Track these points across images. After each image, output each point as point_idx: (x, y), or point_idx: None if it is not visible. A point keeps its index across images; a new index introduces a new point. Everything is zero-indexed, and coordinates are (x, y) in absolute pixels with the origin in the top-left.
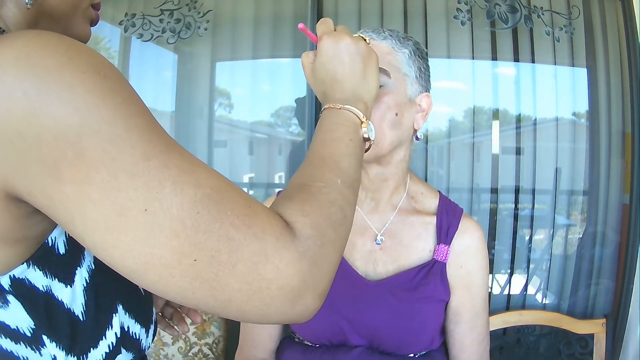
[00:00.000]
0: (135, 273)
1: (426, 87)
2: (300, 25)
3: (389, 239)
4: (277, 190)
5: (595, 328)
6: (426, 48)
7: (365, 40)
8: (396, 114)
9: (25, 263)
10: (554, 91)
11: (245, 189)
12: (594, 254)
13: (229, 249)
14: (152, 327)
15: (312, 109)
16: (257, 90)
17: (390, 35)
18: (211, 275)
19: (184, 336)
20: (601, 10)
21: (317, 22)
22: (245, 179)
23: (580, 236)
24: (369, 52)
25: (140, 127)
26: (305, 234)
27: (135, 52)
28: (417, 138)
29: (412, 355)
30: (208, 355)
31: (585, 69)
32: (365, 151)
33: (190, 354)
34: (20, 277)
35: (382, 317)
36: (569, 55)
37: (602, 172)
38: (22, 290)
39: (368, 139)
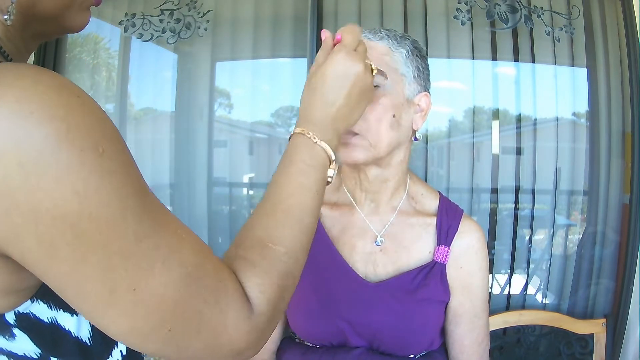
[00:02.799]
0: (115, 336)
1: (425, 86)
2: (324, 34)
3: (389, 241)
4: None
5: (595, 328)
6: (426, 48)
7: (372, 72)
8: (394, 116)
9: (29, 299)
10: (554, 91)
11: (245, 189)
12: (594, 254)
13: (199, 321)
14: None
15: None
16: (257, 90)
17: (387, 35)
18: (180, 339)
19: None
20: (601, 10)
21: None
22: (245, 179)
23: (580, 236)
24: (370, 88)
25: (134, 208)
26: (260, 311)
27: (135, 52)
28: (415, 139)
29: (412, 356)
30: None
31: (585, 69)
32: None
33: None
34: (25, 312)
35: (382, 319)
36: (569, 56)
37: (602, 172)
38: (28, 323)
39: (329, 183)
